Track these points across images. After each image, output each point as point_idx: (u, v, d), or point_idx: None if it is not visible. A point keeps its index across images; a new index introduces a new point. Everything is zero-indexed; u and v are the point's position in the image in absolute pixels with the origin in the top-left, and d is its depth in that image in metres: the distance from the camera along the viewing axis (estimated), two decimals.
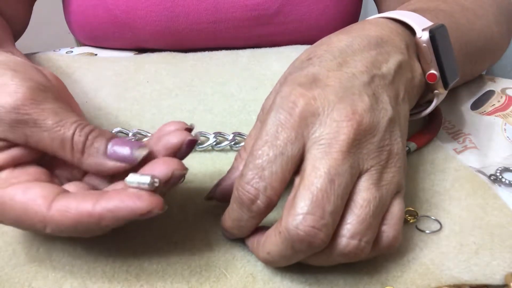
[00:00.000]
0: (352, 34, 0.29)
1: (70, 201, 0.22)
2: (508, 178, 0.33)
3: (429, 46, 0.30)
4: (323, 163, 0.23)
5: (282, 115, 0.24)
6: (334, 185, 0.22)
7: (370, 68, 0.27)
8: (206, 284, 0.25)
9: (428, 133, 0.37)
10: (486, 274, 0.26)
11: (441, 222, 0.29)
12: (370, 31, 0.29)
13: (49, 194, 0.22)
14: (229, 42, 0.54)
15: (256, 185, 0.23)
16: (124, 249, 0.27)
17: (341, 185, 0.22)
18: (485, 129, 0.39)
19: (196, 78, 0.46)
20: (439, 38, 0.30)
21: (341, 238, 0.23)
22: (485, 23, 0.40)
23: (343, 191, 0.23)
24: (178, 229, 0.29)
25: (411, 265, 0.26)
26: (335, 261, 0.24)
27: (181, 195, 0.32)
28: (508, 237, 0.28)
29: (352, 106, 0.24)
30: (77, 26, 0.56)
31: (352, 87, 0.25)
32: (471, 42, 0.39)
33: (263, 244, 0.25)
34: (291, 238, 0.22)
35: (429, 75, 0.31)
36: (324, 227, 0.22)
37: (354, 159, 0.23)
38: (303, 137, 0.24)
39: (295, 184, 0.24)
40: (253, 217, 0.24)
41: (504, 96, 0.43)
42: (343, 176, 0.23)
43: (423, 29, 0.30)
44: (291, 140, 0.23)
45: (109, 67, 0.49)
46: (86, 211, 0.21)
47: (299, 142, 0.24)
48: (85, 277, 0.26)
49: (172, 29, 0.52)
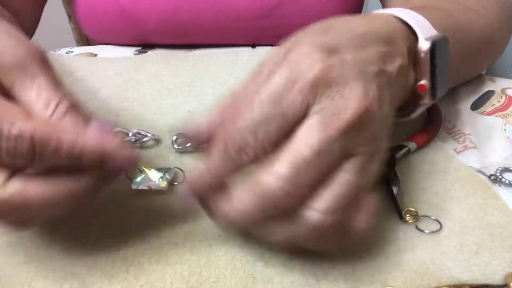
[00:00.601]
0: (367, 24, 0.28)
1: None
2: (508, 178, 0.33)
3: (427, 57, 0.29)
4: (317, 135, 0.22)
5: (294, 75, 0.23)
6: (320, 160, 0.22)
7: (380, 62, 0.26)
8: (206, 284, 0.25)
9: (428, 133, 0.37)
10: (486, 274, 0.26)
11: (441, 222, 0.29)
12: (382, 27, 0.28)
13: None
14: (232, 34, 0.54)
15: (247, 139, 0.22)
16: (124, 249, 0.27)
17: (327, 162, 0.22)
18: (485, 129, 0.39)
19: (196, 78, 0.46)
20: (439, 51, 0.30)
21: (310, 210, 0.22)
22: (486, 22, 0.40)
23: (326, 168, 0.22)
24: (178, 229, 0.29)
25: (411, 265, 0.26)
26: (294, 235, 0.23)
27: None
28: (508, 237, 0.28)
29: (365, 89, 0.23)
30: (85, 21, 0.57)
31: (366, 72, 0.24)
32: (472, 42, 0.39)
33: (228, 199, 0.23)
34: (261, 193, 0.22)
35: (421, 85, 0.30)
36: (297, 196, 0.22)
37: (348, 141, 0.23)
38: (307, 105, 0.23)
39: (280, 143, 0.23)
40: (231, 168, 0.23)
41: (504, 96, 0.43)
42: (331, 154, 0.22)
43: (426, 39, 0.30)
44: (295, 104, 0.22)
45: (109, 67, 0.49)
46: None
47: (302, 108, 0.23)
48: (85, 277, 0.26)
49: (175, 20, 0.52)
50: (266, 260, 0.27)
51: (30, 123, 0.21)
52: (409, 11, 0.31)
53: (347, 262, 0.27)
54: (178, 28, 0.53)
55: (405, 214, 0.29)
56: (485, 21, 0.40)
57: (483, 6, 0.41)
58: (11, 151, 0.21)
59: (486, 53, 0.42)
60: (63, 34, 1.10)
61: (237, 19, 0.53)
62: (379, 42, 0.27)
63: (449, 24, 0.32)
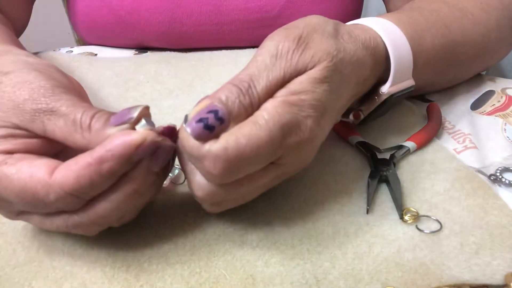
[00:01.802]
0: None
1: (69, 163, 0.23)
2: (508, 178, 0.33)
3: (379, 101, 0.33)
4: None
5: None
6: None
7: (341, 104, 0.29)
8: (206, 285, 0.25)
9: (428, 133, 0.37)
10: (486, 274, 0.26)
11: (441, 222, 0.29)
12: (371, 61, 0.31)
13: (52, 163, 0.24)
14: (232, 44, 0.54)
15: (251, 78, 0.25)
16: (124, 249, 0.27)
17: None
18: (485, 129, 0.39)
19: (196, 78, 0.46)
20: (393, 100, 0.33)
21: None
22: (483, 32, 0.40)
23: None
24: (178, 230, 0.29)
25: (411, 265, 0.26)
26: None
27: (181, 195, 0.32)
28: (508, 237, 0.28)
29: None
30: (82, 27, 0.56)
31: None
32: (462, 52, 0.39)
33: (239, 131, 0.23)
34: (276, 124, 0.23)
35: (356, 114, 0.34)
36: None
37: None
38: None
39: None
40: (240, 101, 0.24)
41: (504, 96, 0.43)
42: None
43: (390, 85, 0.32)
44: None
45: (109, 67, 0.49)
46: (86, 162, 0.22)
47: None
48: (85, 277, 0.26)
49: (175, 30, 0.52)
50: (266, 260, 0.27)
51: (57, 182, 0.23)
52: (403, 39, 0.33)
53: (347, 262, 0.27)
54: (177, 37, 0.53)
55: (405, 214, 0.29)
56: (482, 29, 0.40)
57: (484, 10, 0.41)
58: (60, 208, 0.24)
59: (478, 60, 0.43)
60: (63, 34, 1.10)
61: (236, 29, 0.53)
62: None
63: (440, 31, 0.35)
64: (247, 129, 0.23)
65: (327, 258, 0.27)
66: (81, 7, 0.54)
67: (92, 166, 0.22)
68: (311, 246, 0.28)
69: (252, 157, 0.23)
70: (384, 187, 0.32)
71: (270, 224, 0.29)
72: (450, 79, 0.43)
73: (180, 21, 0.52)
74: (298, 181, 0.32)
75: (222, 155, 0.22)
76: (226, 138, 0.23)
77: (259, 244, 0.28)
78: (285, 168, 0.26)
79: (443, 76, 0.41)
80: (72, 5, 0.56)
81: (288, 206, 0.30)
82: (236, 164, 0.23)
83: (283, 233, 0.29)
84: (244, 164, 0.23)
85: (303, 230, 0.29)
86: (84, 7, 0.54)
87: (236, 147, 0.22)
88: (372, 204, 0.31)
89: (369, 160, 0.34)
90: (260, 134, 0.23)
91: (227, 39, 0.54)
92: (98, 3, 0.53)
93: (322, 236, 0.28)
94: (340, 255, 0.27)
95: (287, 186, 0.31)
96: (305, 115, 0.25)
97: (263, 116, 0.23)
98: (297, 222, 0.29)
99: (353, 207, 0.31)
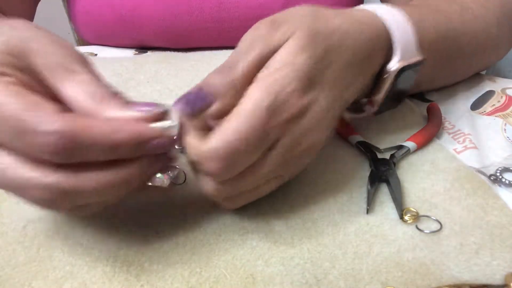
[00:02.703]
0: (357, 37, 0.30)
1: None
2: (508, 178, 0.33)
3: (389, 78, 0.32)
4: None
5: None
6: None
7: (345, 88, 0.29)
8: (206, 285, 0.25)
9: (428, 133, 0.37)
10: (486, 274, 0.26)
11: (441, 222, 0.29)
12: (367, 32, 0.30)
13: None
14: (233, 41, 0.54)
15: (232, 61, 0.26)
16: (124, 249, 0.27)
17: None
18: (485, 129, 0.39)
19: (196, 78, 0.46)
20: (404, 76, 0.32)
21: None
22: (483, 26, 0.40)
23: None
24: (178, 230, 0.29)
25: (411, 265, 0.26)
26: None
27: (181, 195, 0.32)
28: (508, 237, 0.28)
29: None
30: (83, 26, 0.56)
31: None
32: (463, 47, 0.39)
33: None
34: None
35: (370, 101, 0.34)
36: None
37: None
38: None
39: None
40: (223, 82, 0.25)
41: (504, 96, 0.43)
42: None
43: (399, 60, 0.31)
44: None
45: (109, 67, 0.49)
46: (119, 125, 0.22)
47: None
48: (86, 277, 0.26)
49: (176, 27, 0.52)
50: (266, 259, 0.27)
51: (59, 120, 0.21)
52: (401, 16, 0.32)
53: (347, 262, 0.27)
54: (178, 34, 0.53)
55: (405, 214, 0.29)
56: (482, 25, 0.40)
57: (484, 7, 0.41)
58: (43, 149, 0.21)
59: (480, 55, 0.43)
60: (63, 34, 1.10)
61: (237, 27, 0.53)
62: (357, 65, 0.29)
63: (442, 24, 0.34)
64: (233, 124, 0.23)
65: (327, 258, 0.27)
66: (81, 7, 0.54)
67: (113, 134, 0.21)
68: (311, 246, 0.28)
69: (244, 149, 0.23)
70: (384, 187, 0.32)
71: (270, 224, 0.29)
72: (451, 75, 0.43)
73: (181, 18, 0.52)
74: (298, 181, 0.32)
75: (214, 156, 0.23)
76: (215, 139, 0.23)
77: (259, 244, 0.28)
78: (288, 152, 0.26)
79: (445, 69, 0.40)
80: (73, 4, 0.56)
81: (288, 206, 0.30)
82: (231, 160, 0.24)
83: (283, 233, 0.29)
84: (239, 158, 0.24)
85: (303, 230, 0.29)
86: (85, 6, 0.54)
87: (226, 145, 0.23)
88: (372, 204, 0.31)
89: (369, 160, 0.34)
90: (246, 125, 0.23)
91: (227, 37, 0.53)
92: (98, 2, 0.53)
93: (322, 236, 0.28)
94: (340, 255, 0.27)
95: (287, 186, 0.31)
96: (290, 89, 0.25)
97: (246, 105, 0.24)
98: (297, 222, 0.29)
99: (353, 207, 0.31)
